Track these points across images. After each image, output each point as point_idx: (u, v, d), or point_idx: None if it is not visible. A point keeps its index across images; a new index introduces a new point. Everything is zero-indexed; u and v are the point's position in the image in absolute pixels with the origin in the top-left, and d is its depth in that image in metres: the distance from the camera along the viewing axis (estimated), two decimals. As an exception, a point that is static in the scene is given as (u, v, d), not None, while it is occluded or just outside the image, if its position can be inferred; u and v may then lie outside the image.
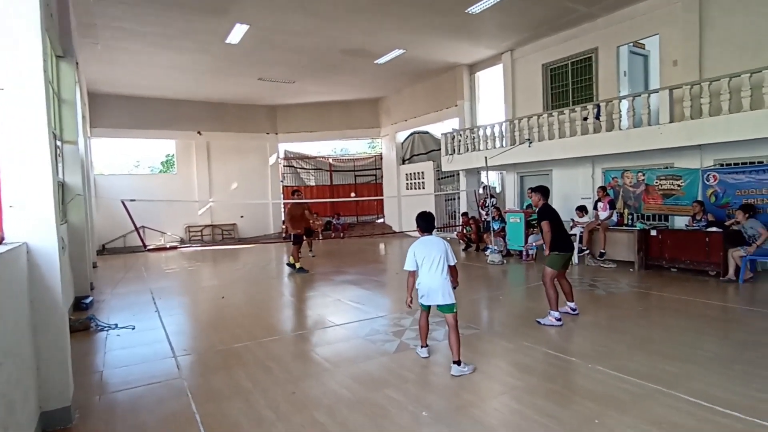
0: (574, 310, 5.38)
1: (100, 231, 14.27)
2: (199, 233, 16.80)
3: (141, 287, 8.24)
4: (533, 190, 5.54)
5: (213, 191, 17.09)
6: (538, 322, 5.12)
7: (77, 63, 8.18)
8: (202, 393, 3.59)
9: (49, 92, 3.38)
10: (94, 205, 13.14)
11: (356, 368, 3.99)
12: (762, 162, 7.61)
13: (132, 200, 8.33)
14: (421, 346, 4.22)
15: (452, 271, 3.99)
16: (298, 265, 9.05)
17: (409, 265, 4.02)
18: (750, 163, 7.78)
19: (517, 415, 3.08)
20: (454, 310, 3.90)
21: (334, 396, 3.43)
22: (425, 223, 4.14)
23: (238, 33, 9.93)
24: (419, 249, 3.98)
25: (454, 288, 3.99)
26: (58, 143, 6.49)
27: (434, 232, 4.20)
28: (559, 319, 5.07)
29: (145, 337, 5.15)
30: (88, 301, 6.68)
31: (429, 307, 4.06)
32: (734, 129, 7.11)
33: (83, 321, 5.59)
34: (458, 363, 3.78)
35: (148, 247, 14.20)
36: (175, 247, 15.21)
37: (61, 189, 6.54)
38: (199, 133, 16.78)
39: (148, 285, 8.43)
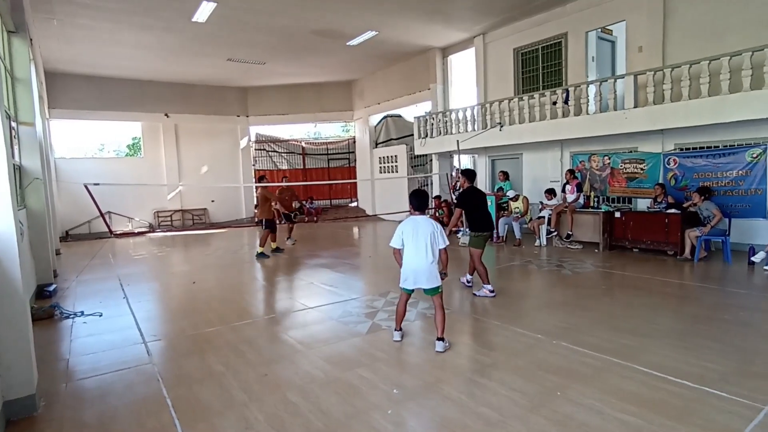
0: (492, 291, 5.63)
1: (63, 217, 13.75)
2: (169, 218, 16.40)
3: (108, 274, 8.04)
4: (462, 172, 5.92)
5: (182, 175, 16.65)
6: (475, 294, 5.64)
7: (31, 39, 7.75)
8: (173, 377, 3.57)
9: (1, 70, 3.22)
10: (56, 190, 12.62)
11: (329, 349, 4.04)
12: (718, 147, 7.97)
13: (96, 184, 8.03)
14: (395, 329, 4.20)
15: (442, 254, 3.93)
16: (274, 245, 9.17)
17: (395, 242, 3.95)
18: (707, 147, 8.12)
19: (485, 390, 3.20)
20: (440, 291, 3.94)
21: (306, 377, 3.48)
22: (418, 201, 4.05)
23: (205, 11, 9.58)
24: (407, 228, 3.90)
25: (443, 275, 3.98)
26: (13, 125, 6.18)
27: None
28: (492, 291, 5.55)
29: (113, 324, 5.06)
30: (51, 288, 6.49)
31: (412, 291, 4.00)
32: (693, 114, 7.39)
33: (47, 309, 5.43)
34: (442, 339, 3.87)
35: (115, 233, 13.78)
36: (143, 233, 14.82)
37: (18, 173, 6.26)
38: (166, 115, 16.23)
39: (116, 271, 8.23)
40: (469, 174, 5.90)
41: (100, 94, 14.92)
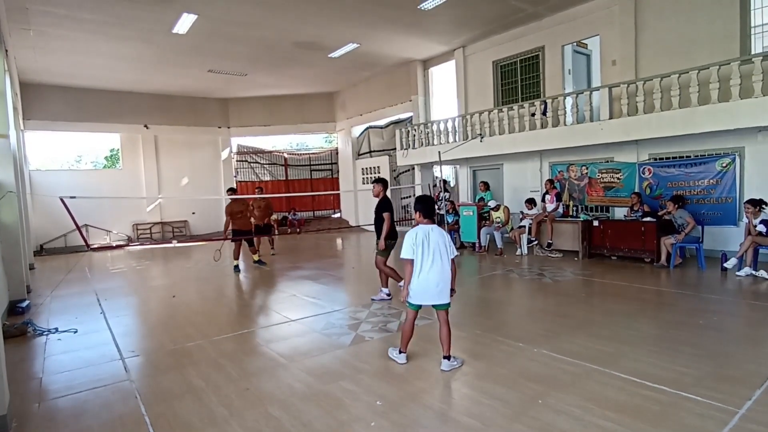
0: (388, 295, 6.01)
1: (37, 231, 13.39)
2: (148, 231, 16.11)
3: (84, 288, 7.84)
4: (376, 181, 6.07)
5: (162, 187, 16.41)
6: (373, 300, 5.96)
7: (6, 50, 7.61)
8: (152, 394, 3.49)
9: (-26, 82, 3.16)
10: (30, 203, 12.31)
11: (311, 362, 4.01)
12: (690, 156, 8.24)
13: (72, 197, 7.85)
14: (400, 351, 3.84)
15: (452, 266, 3.65)
16: (255, 257, 9.20)
17: (407, 253, 3.56)
18: (679, 157, 8.39)
19: (468, 399, 3.22)
20: (449, 306, 3.70)
21: (288, 390, 3.44)
22: (427, 207, 3.68)
23: (185, 23, 9.56)
24: (419, 238, 3.54)
25: (453, 293, 3.72)
26: (-14, 137, 6.04)
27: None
28: (388, 295, 5.94)
29: (88, 340, 4.93)
30: (24, 305, 6.29)
31: (420, 307, 3.69)
32: (665, 125, 7.64)
33: (19, 326, 5.26)
34: (448, 358, 3.64)
35: (92, 247, 13.46)
36: (121, 246, 14.51)
37: (-9, 186, 6.10)
38: (146, 126, 16.03)
39: (93, 286, 8.03)
40: (385, 182, 6.12)
41: (77, 105, 14.67)
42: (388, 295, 6.00)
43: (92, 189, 13.94)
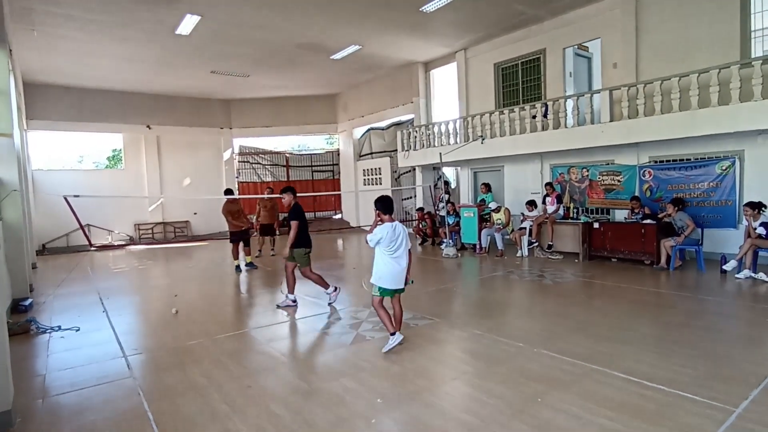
0: (294, 301, 5.97)
1: (39, 230, 13.43)
2: (150, 231, 16.15)
3: (87, 287, 7.87)
4: (284, 190, 5.94)
5: (164, 187, 16.46)
6: (278, 306, 5.93)
7: (11, 50, 7.67)
8: (155, 391, 3.53)
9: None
10: (33, 202, 12.36)
11: (312, 360, 4.05)
12: (690, 159, 8.27)
13: (76, 196, 7.90)
14: (391, 334, 4.14)
15: (410, 256, 4.20)
16: (248, 259, 9.23)
17: (373, 242, 4.08)
18: (680, 160, 8.42)
19: (467, 397, 3.25)
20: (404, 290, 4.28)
21: (290, 388, 3.48)
22: (386, 206, 4.14)
23: (189, 24, 9.61)
24: (388, 233, 4.01)
25: (408, 281, 4.25)
26: (-9, 136, 6.09)
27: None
28: (294, 301, 5.92)
29: (91, 338, 4.96)
30: (27, 303, 6.33)
31: (393, 292, 4.17)
32: (665, 128, 7.68)
33: (22, 324, 5.31)
34: (393, 334, 4.12)
35: (95, 246, 13.51)
36: (123, 246, 14.56)
37: (-5, 185, 6.15)
38: (148, 126, 16.08)
39: (95, 285, 8.07)
40: (293, 191, 5.97)
41: (80, 105, 14.73)
42: (294, 301, 5.95)
43: (94, 189, 13.97)
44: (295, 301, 5.98)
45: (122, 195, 14.94)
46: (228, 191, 9.77)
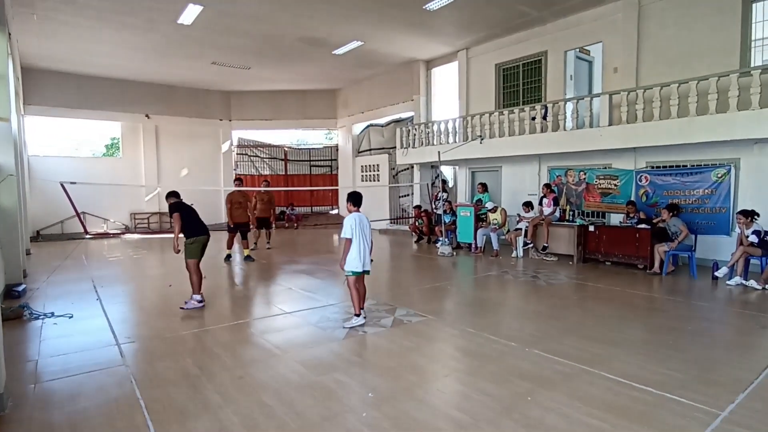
0: (200, 301, 5.64)
1: (34, 216, 13.37)
2: (146, 221, 16.10)
3: (81, 275, 7.86)
4: (168, 195, 6.07)
5: (161, 177, 16.40)
6: (182, 308, 5.50)
7: (9, 33, 7.62)
8: (147, 379, 3.54)
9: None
10: (28, 188, 12.29)
11: (305, 353, 4.06)
12: (686, 166, 8.32)
13: (72, 183, 7.88)
14: (356, 315, 4.81)
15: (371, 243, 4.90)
16: (246, 252, 9.27)
17: (347, 233, 4.70)
18: (676, 166, 8.47)
19: (458, 394, 3.28)
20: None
21: (282, 380, 3.49)
22: (357, 199, 4.92)
23: (191, 13, 9.56)
24: (356, 222, 4.70)
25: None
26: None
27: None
28: (200, 301, 5.61)
29: (85, 326, 4.97)
30: (20, 289, 6.32)
31: (361, 273, 4.78)
32: (663, 134, 7.71)
33: (15, 309, 5.31)
34: (359, 314, 4.80)
35: (90, 234, 13.46)
36: (118, 234, 14.51)
37: (-8, 169, 6.12)
38: (147, 116, 16.01)
39: (89, 273, 8.06)
40: (175, 194, 6.09)
41: (78, 92, 14.64)
42: (200, 301, 5.60)
43: (91, 177, 13.90)
44: (201, 300, 5.62)
45: (119, 183, 14.86)
46: (237, 180, 9.90)
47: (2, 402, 3.04)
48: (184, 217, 5.73)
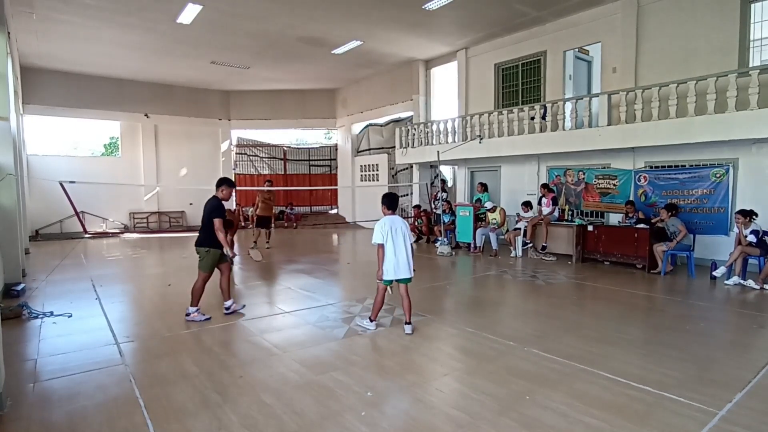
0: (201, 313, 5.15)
1: (33, 215, 13.35)
2: (145, 220, 16.09)
3: (80, 274, 7.86)
4: (222, 182, 5.51)
5: (160, 177, 16.39)
6: (193, 320, 5.03)
7: (9, 33, 7.61)
8: (146, 378, 3.54)
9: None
10: (27, 187, 12.28)
11: (304, 353, 4.06)
12: (684, 166, 8.33)
13: (72, 182, 7.88)
14: (371, 320, 4.67)
15: (412, 249, 4.59)
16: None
17: (378, 239, 4.40)
18: (675, 166, 8.48)
19: (457, 393, 3.29)
20: (411, 280, 4.59)
21: (281, 379, 3.50)
22: (392, 202, 4.56)
23: (190, 13, 9.55)
24: (387, 226, 4.39)
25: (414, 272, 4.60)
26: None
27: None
28: (206, 316, 5.07)
29: (84, 325, 4.97)
30: (19, 288, 6.32)
31: (392, 282, 4.47)
32: (662, 134, 7.73)
33: (14, 308, 5.30)
34: (409, 324, 4.54)
35: (89, 233, 13.45)
36: (117, 234, 14.50)
37: (-9, 168, 6.12)
38: (146, 115, 16.00)
39: (88, 272, 8.05)
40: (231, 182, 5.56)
41: (77, 91, 14.62)
42: (205, 316, 5.08)
43: (90, 176, 13.89)
44: (206, 316, 5.14)
45: (118, 183, 14.86)
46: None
47: (1, 401, 3.04)
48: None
